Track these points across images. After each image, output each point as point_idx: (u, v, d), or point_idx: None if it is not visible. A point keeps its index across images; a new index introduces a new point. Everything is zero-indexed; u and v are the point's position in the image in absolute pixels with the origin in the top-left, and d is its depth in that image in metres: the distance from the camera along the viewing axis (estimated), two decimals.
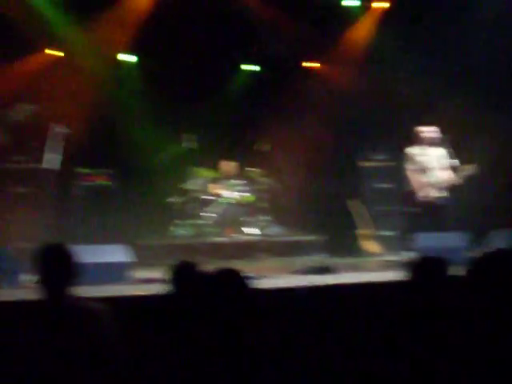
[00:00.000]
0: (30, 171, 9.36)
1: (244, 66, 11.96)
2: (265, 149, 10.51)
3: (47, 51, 10.31)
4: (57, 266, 3.40)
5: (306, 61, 11.86)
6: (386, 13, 10.93)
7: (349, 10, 11.00)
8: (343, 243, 10.26)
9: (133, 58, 11.05)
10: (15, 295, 5.47)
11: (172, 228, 10.19)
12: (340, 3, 10.88)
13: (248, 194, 10.55)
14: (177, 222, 10.22)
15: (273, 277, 6.80)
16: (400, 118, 10.29)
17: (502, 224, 9.05)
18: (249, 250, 10.38)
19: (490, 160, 9.27)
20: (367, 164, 10.74)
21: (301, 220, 10.75)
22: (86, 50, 10.20)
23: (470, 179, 8.23)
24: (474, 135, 9.80)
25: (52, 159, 7.27)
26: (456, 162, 8.20)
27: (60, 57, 10.39)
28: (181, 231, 10.16)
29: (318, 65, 11.95)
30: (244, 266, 7.47)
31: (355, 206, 10.27)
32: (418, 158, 8.35)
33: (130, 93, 10.71)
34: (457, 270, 3.24)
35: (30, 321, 3.33)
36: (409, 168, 8.40)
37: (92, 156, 9.87)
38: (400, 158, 9.41)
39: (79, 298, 3.46)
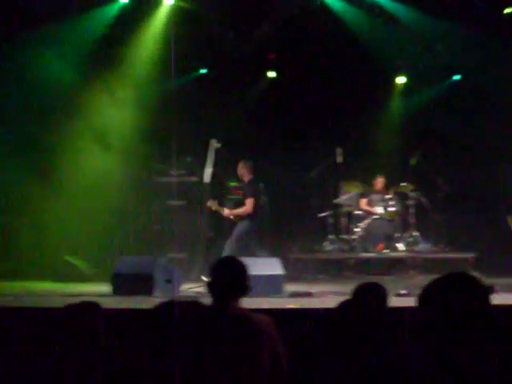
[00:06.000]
0: (185, 185, 9.74)
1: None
2: (412, 162, 10.27)
3: None
4: (229, 278, 3.48)
5: None
6: None
7: None
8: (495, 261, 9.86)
9: None
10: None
11: (325, 243, 10.22)
12: None
13: (394, 209, 10.38)
14: (330, 237, 10.24)
15: None
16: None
17: None
18: (397, 266, 10.22)
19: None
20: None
21: (450, 236, 10.42)
22: None
23: None
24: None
25: (209, 173, 7.56)
26: None
27: None
28: (332, 246, 10.18)
29: None
30: (393, 283, 7.40)
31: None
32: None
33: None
34: None
35: (194, 327, 3.39)
36: None
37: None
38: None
39: (243, 309, 3.51)
